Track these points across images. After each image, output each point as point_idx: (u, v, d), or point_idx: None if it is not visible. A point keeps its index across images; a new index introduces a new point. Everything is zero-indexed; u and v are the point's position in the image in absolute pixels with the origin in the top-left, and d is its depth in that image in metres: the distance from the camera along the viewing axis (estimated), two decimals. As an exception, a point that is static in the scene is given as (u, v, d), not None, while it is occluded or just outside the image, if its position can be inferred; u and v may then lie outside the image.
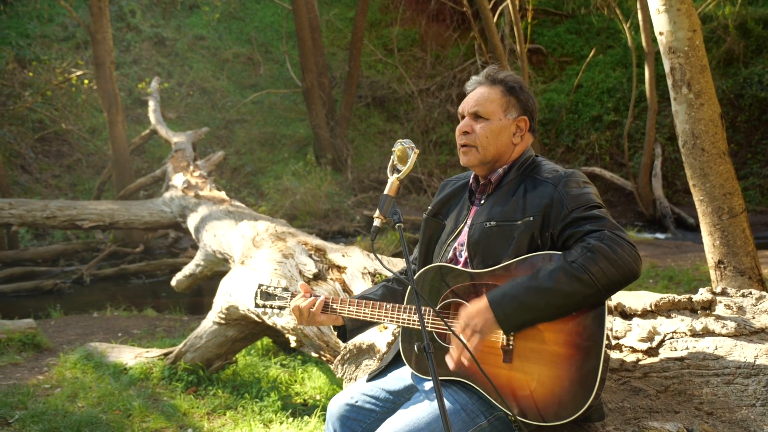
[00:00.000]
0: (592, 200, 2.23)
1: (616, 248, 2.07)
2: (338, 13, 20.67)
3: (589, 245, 2.10)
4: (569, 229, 2.20)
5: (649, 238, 13.06)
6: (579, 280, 2.05)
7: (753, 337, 2.33)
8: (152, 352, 5.85)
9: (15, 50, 16.91)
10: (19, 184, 14.70)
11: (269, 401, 4.96)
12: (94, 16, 11.82)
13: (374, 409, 2.47)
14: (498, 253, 2.30)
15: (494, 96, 2.46)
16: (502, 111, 2.45)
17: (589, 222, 2.16)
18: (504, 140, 2.45)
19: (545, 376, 2.13)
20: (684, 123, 3.80)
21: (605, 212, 2.20)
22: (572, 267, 2.07)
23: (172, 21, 20.05)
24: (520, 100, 2.47)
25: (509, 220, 2.31)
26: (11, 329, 6.53)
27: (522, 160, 2.47)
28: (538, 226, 2.26)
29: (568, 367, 2.10)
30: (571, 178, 2.30)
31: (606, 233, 2.10)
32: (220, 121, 17.87)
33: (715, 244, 3.86)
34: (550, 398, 2.11)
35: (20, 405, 4.89)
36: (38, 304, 9.23)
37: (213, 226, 6.62)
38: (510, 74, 2.50)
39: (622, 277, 2.07)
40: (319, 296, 2.58)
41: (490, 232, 2.34)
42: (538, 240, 2.26)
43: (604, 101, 16.86)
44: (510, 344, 2.19)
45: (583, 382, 2.07)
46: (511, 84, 2.47)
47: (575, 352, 2.10)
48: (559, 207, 2.24)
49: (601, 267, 2.05)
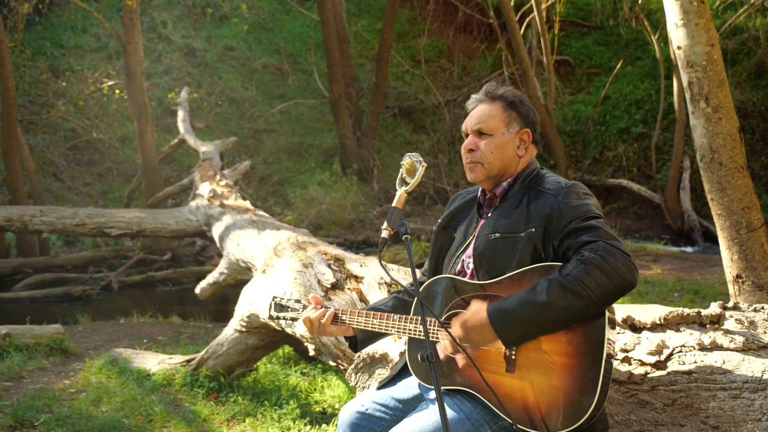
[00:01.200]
0: (591, 211, 2.26)
1: (610, 259, 2.09)
2: (366, 25, 20.82)
3: (583, 257, 2.13)
4: (567, 240, 2.23)
5: (676, 251, 12.95)
6: (573, 292, 2.09)
7: (761, 351, 2.33)
8: (175, 359, 5.94)
9: (49, 60, 17.28)
10: (51, 191, 14.99)
11: (288, 409, 5.02)
12: (126, 27, 12.05)
13: (384, 417, 2.51)
14: (502, 265, 2.34)
15: (495, 112, 2.51)
16: (504, 126, 2.50)
17: (586, 233, 2.19)
18: (509, 154, 2.50)
19: (547, 386, 2.16)
20: (702, 137, 3.80)
21: (603, 222, 2.23)
22: (567, 280, 2.11)
23: (202, 32, 20.33)
24: (521, 113, 2.52)
25: (513, 232, 2.36)
26: (39, 334, 6.67)
27: (526, 173, 2.52)
28: (540, 237, 2.30)
29: (568, 376, 2.13)
30: (572, 190, 2.34)
31: (600, 244, 2.13)
32: (249, 130, 18.06)
33: (733, 258, 3.85)
34: (552, 407, 2.14)
35: (46, 408, 5.00)
36: (67, 310, 9.41)
37: (236, 235, 6.72)
38: (509, 89, 2.56)
39: (617, 288, 2.10)
40: (329, 308, 2.64)
41: (494, 244, 2.38)
42: (540, 251, 2.29)
43: (632, 113, 16.75)
44: (513, 354, 2.23)
45: (583, 391, 2.10)
46: (510, 99, 2.52)
47: (576, 362, 2.13)
48: (559, 218, 2.27)
49: (595, 278, 2.08)
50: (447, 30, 20.38)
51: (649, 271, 10.90)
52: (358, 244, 14.21)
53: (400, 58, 19.21)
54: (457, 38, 20.25)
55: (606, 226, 2.22)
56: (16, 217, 9.80)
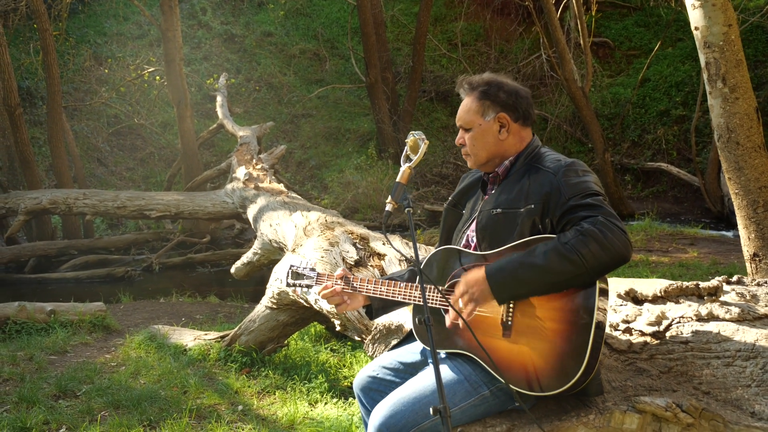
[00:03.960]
0: (590, 188, 2.36)
1: (607, 233, 2.20)
2: (403, 9, 20.83)
3: (582, 228, 2.24)
4: (566, 215, 2.34)
5: (715, 234, 12.78)
6: (569, 260, 2.20)
7: (756, 322, 2.41)
8: (210, 335, 6.16)
9: (93, 48, 17.71)
10: (95, 176, 15.41)
11: (317, 383, 5.18)
12: (165, 14, 12.29)
13: (394, 380, 2.67)
14: (503, 238, 2.46)
15: (472, 105, 2.64)
16: (480, 116, 2.62)
17: (585, 209, 2.29)
18: (490, 141, 2.62)
19: (540, 349, 2.29)
20: (719, 117, 3.84)
21: (602, 200, 2.33)
22: (564, 247, 2.22)
23: (241, 18, 20.58)
24: (495, 98, 2.61)
25: (513, 208, 2.47)
26: (83, 311, 6.94)
27: (528, 151, 2.61)
28: (539, 212, 2.40)
29: (560, 341, 2.25)
30: (571, 168, 2.43)
31: (599, 219, 2.23)
32: (286, 115, 18.28)
33: (750, 237, 3.89)
34: (544, 370, 2.27)
35: (87, 380, 5.24)
36: (110, 290, 9.72)
37: (269, 216, 6.90)
38: (483, 77, 2.66)
39: (611, 260, 2.21)
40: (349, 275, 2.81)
41: (496, 219, 2.50)
42: (539, 226, 2.40)
43: (672, 95, 16.51)
44: (509, 320, 2.35)
45: (574, 355, 2.22)
46: (482, 88, 2.63)
47: (567, 328, 2.26)
48: (558, 195, 2.37)
49: (591, 249, 2.19)
50: (484, 13, 20.28)
51: (685, 255, 10.82)
52: (393, 227, 14.34)
53: (436, 41, 19.20)
54: (494, 21, 20.15)
55: (604, 203, 2.32)
56: (60, 200, 10.15)
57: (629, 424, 2.24)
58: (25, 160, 11.94)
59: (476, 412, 2.42)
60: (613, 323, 2.69)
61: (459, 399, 2.38)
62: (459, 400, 2.38)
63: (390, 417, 2.35)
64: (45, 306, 6.84)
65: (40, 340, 6.25)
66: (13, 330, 6.53)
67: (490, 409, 2.43)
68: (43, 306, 6.84)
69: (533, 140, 2.66)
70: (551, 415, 2.36)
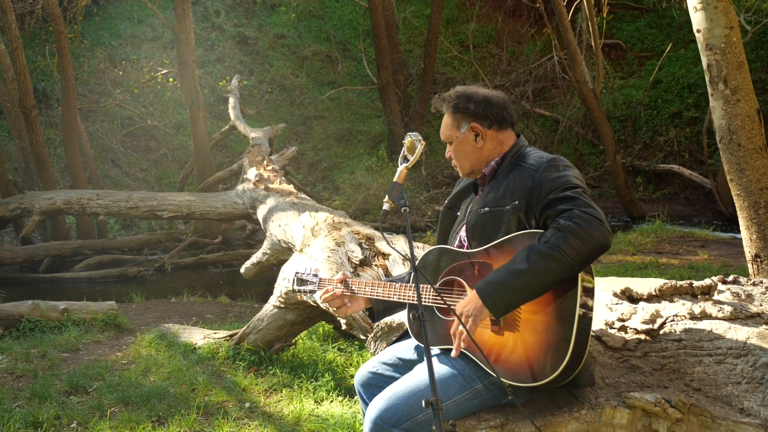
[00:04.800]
0: (569, 182, 2.43)
1: (584, 225, 2.27)
2: (415, 11, 20.90)
3: (559, 225, 2.31)
4: (546, 209, 2.42)
5: (726, 237, 12.73)
6: (552, 257, 2.27)
7: (748, 320, 2.46)
8: (219, 334, 6.24)
9: (107, 50, 17.88)
10: (109, 177, 15.57)
11: (323, 381, 5.25)
12: (178, 17, 12.40)
13: (393, 376, 2.74)
14: (491, 236, 2.54)
15: (448, 120, 2.76)
16: (456, 129, 2.73)
17: (563, 202, 2.37)
18: (469, 150, 2.72)
19: (528, 342, 2.36)
20: (720, 119, 3.88)
21: (580, 192, 2.39)
22: (545, 247, 2.29)
23: (254, 20, 20.72)
24: (466, 111, 2.71)
25: (500, 206, 2.56)
26: (95, 310, 7.04)
27: (512, 152, 2.70)
28: (524, 208, 2.49)
29: (546, 333, 2.34)
30: (552, 163, 2.52)
31: (575, 212, 2.30)
32: (299, 117, 18.39)
33: (752, 238, 3.92)
34: (533, 361, 2.34)
35: (98, 377, 5.34)
36: (122, 290, 9.84)
37: (278, 217, 6.98)
38: (453, 92, 2.76)
39: (592, 250, 2.28)
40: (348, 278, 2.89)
41: (484, 218, 2.59)
42: (524, 222, 2.49)
43: (685, 97, 16.48)
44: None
45: (558, 347, 2.30)
46: (454, 102, 2.73)
47: (552, 320, 2.34)
48: (539, 190, 2.46)
49: (571, 244, 2.26)
50: (496, 15, 20.32)
51: (695, 257, 10.79)
52: (403, 228, 14.37)
53: (448, 43, 19.24)
54: (506, 23, 20.18)
55: (583, 195, 2.39)
56: (74, 200, 10.29)
57: (619, 419, 2.29)
58: (40, 161, 12.10)
59: (470, 405, 2.49)
60: (608, 321, 2.74)
61: (453, 393, 2.45)
62: (453, 394, 2.45)
63: (386, 410, 2.43)
64: (58, 305, 6.95)
65: (53, 338, 6.35)
66: (26, 328, 6.64)
67: (483, 402, 2.50)
68: (56, 305, 6.95)
69: (518, 141, 2.74)
70: (544, 410, 2.43)
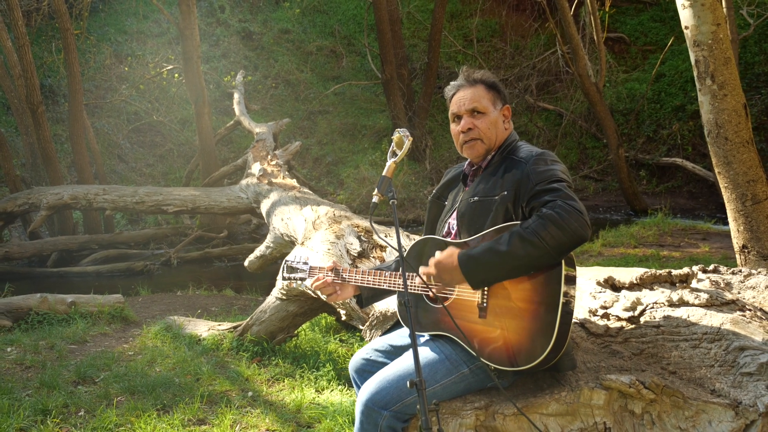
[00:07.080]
0: (555, 175, 2.54)
1: (564, 215, 2.38)
2: (418, 5, 20.96)
3: (541, 213, 2.42)
4: (532, 200, 2.53)
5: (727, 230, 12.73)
6: (530, 242, 2.39)
7: (723, 307, 2.57)
8: (223, 326, 6.36)
9: (113, 46, 18.01)
10: (116, 172, 15.72)
11: (324, 371, 5.37)
12: (183, 13, 12.51)
13: (385, 362, 2.85)
14: (480, 225, 2.65)
15: (482, 93, 2.84)
16: (491, 104, 2.84)
17: (548, 194, 2.48)
18: (500, 128, 2.84)
19: (514, 328, 2.48)
20: (708, 113, 3.97)
21: (564, 186, 2.51)
22: (525, 232, 2.41)
23: (258, 16, 20.82)
24: (500, 92, 2.87)
25: (489, 196, 2.67)
26: (102, 303, 7.17)
27: (505, 145, 2.83)
28: (512, 199, 2.60)
29: (531, 320, 2.45)
30: (540, 157, 2.64)
31: (558, 203, 2.42)
32: (303, 112, 18.50)
33: (739, 229, 4.02)
34: (518, 346, 2.46)
35: (105, 367, 5.47)
36: (129, 283, 9.98)
37: (281, 211, 7.10)
38: (485, 72, 2.90)
39: (569, 240, 2.38)
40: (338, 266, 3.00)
41: (474, 206, 2.70)
42: (512, 212, 2.60)
43: (688, 90, 16.51)
44: (484, 302, 2.55)
45: (543, 332, 2.41)
46: (489, 81, 2.87)
47: (537, 308, 2.45)
48: (527, 182, 2.57)
49: (550, 231, 2.37)
50: (499, 9, 20.37)
51: (696, 249, 10.86)
52: (408, 222, 14.51)
53: (452, 38, 19.31)
54: (509, 17, 20.23)
55: (568, 189, 2.50)
56: (81, 195, 10.43)
57: (596, 400, 2.41)
58: (47, 157, 12.25)
59: (457, 388, 2.60)
60: (592, 309, 2.85)
61: (440, 376, 2.57)
62: (440, 378, 2.57)
63: (376, 393, 2.55)
64: (66, 297, 7.08)
65: (61, 330, 6.49)
66: (35, 320, 6.78)
67: (470, 386, 2.62)
68: (64, 297, 7.08)
69: (511, 134, 2.88)
70: (527, 392, 2.54)
